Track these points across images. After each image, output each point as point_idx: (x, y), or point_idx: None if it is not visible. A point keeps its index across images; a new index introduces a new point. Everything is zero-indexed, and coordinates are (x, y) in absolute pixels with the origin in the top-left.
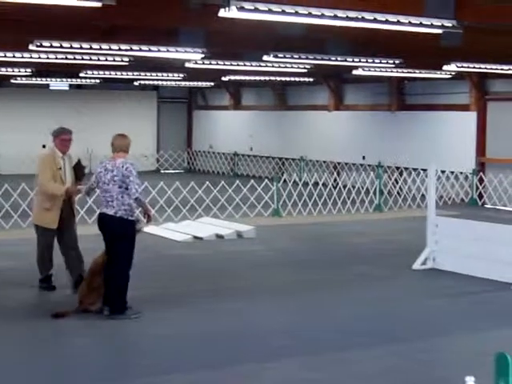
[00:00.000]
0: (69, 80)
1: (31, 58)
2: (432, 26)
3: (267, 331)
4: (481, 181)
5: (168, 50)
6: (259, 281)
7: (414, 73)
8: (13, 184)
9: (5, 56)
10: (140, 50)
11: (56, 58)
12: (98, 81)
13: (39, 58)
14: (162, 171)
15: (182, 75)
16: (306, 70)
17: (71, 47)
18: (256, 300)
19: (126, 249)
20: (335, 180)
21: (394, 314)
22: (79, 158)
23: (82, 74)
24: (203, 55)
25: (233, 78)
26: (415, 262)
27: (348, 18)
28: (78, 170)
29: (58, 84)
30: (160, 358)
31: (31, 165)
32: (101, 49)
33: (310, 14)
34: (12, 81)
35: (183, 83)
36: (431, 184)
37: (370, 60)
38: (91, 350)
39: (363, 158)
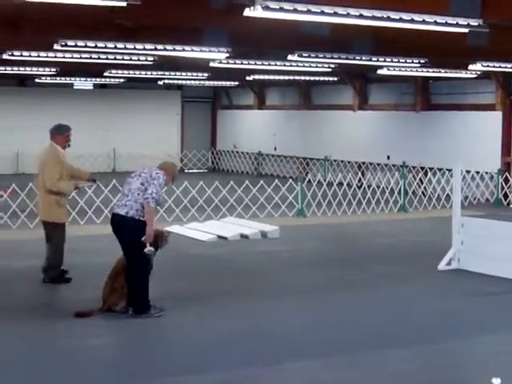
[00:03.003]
0: (93, 79)
1: (56, 57)
2: (458, 25)
3: (290, 331)
4: (506, 181)
5: (192, 50)
6: (283, 281)
7: (439, 72)
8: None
9: (29, 55)
10: (164, 49)
11: (80, 58)
12: (122, 80)
13: (64, 57)
14: (186, 171)
15: (206, 75)
16: (330, 70)
17: (96, 46)
18: (279, 300)
19: (140, 248)
20: (360, 180)
21: (418, 314)
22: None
23: (106, 74)
24: (228, 54)
25: (257, 77)
26: (440, 262)
27: (373, 17)
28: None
29: (83, 83)
30: (182, 358)
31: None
32: (125, 48)
33: (335, 14)
34: (36, 80)
35: (207, 83)
36: (457, 184)
37: (395, 59)
38: (112, 349)
39: (388, 157)
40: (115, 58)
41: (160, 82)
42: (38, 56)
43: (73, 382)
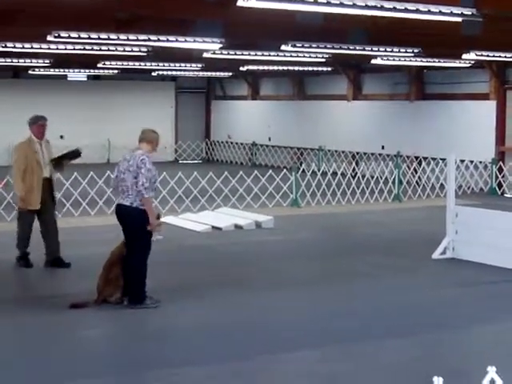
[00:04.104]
0: (87, 71)
1: (49, 48)
2: (451, 14)
3: (284, 322)
4: (500, 170)
5: (186, 41)
6: (278, 271)
7: (433, 62)
8: None
9: (23, 47)
10: (158, 40)
11: (74, 49)
12: (115, 71)
13: (57, 48)
14: (181, 161)
15: (200, 65)
16: (324, 60)
17: (89, 38)
18: (274, 290)
19: (142, 239)
20: (354, 170)
21: (413, 304)
22: (78, 148)
23: (99, 65)
24: (221, 45)
25: (251, 67)
26: (435, 251)
27: (367, 7)
28: (64, 159)
29: (76, 75)
30: (178, 350)
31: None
32: (119, 39)
33: (328, 3)
34: (30, 72)
35: (201, 73)
36: (451, 173)
37: (388, 49)
38: (107, 340)
39: (382, 147)
40: (109, 49)
41: (154, 73)
42: (32, 47)
43: (67, 372)
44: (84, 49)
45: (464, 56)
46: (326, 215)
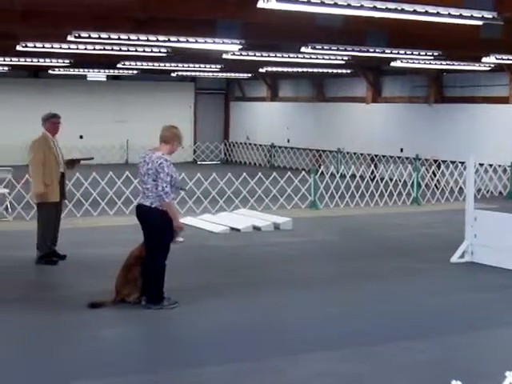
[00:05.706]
0: (106, 71)
1: (69, 48)
2: (472, 17)
3: (302, 323)
4: None
5: (206, 42)
6: (296, 273)
7: (453, 65)
8: None
9: (43, 47)
10: (178, 41)
11: (94, 49)
12: (135, 72)
13: (77, 48)
14: (199, 162)
15: (219, 66)
16: (343, 62)
17: (109, 38)
18: (292, 292)
19: (161, 239)
20: (372, 172)
21: (431, 307)
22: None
23: (119, 65)
24: (241, 46)
25: (270, 69)
26: (453, 255)
27: (387, 10)
28: (77, 161)
29: (96, 75)
30: (195, 350)
31: (66, 155)
32: (138, 40)
33: (349, 6)
34: (50, 71)
35: (220, 74)
36: (470, 177)
37: (408, 52)
38: (126, 340)
39: (401, 150)
40: (128, 50)
41: (173, 74)
42: (52, 47)
43: (86, 371)
44: (104, 49)
45: (484, 59)
46: (344, 218)
